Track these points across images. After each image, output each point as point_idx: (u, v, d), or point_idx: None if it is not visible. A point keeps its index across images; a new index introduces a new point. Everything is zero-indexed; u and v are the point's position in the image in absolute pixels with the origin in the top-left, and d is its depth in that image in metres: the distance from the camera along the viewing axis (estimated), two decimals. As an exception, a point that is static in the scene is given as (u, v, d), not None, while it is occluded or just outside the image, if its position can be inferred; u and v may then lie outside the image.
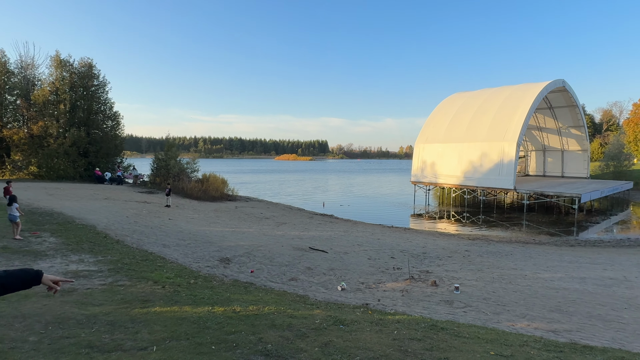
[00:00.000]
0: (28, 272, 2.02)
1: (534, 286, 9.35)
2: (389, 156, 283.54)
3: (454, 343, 4.66)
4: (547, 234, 18.57)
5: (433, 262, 11.81)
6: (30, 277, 2.01)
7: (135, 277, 7.72)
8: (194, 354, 4.23)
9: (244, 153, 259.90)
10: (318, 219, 21.38)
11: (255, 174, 71.16)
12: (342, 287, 8.90)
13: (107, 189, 25.29)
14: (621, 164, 41.47)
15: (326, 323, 5.38)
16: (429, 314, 7.14)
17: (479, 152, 28.79)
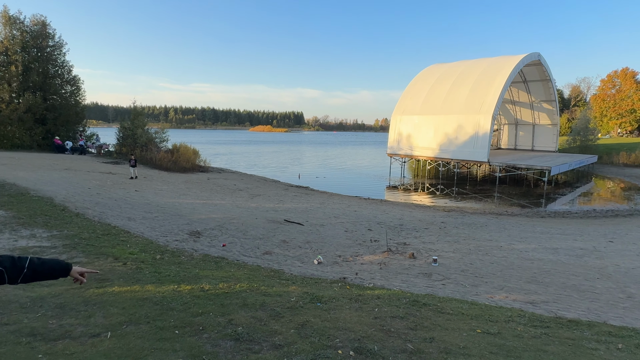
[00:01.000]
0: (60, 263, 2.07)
1: (510, 257, 9.37)
2: (365, 129, 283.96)
3: (438, 320, 4.41)
4: (518, 206, 18.97)
5: (410, 234, 11.70)
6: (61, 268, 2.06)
7: (93, 253, 7.08)
8: (154, 340, 3.76)
9: (217, 124, 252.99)
10: (293, 191, 20.94)
11: (229, 145, 69.36)
12: (318, 261, 8.59)
13: (68, 159, 23.72)
14: (587, 138, 42.90)
15: (302, 301, 5.02)
16: (408, 288, 6.94)
17: (455, 125, 28.83)
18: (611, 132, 60.72)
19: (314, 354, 3.48)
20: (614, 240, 11.52)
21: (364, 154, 56.86)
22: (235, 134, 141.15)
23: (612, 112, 56.90)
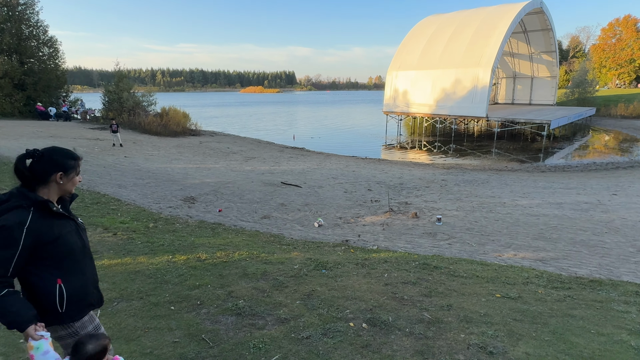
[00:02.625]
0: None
1: (515, 214, 9.14)
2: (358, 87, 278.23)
3: (452, 285, 4.13)
4: (517, 161, 18.68)
5: (411, 193, 11.40)
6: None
7: (84, 225, 6.67)
8: (148, 318, 3.45)
9: (206, 86, 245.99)
10: (289, 152, 20.42)
11: (220, 108, 67.55)
12: (319, 224, 8.30)
13: (53, 126, 22.79)
14: (586, 90, 42.07)
15: (306, 268, 4.72)
16: (413, 249, 6.70)
17: (452, 79, 27.84)
18: (609, 84, 59.73)
19: (324, 328, 3.19)
20: (618, 193, 11.33)
21: (359, 112, 55.70)
22: (226, 96, 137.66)
23: (612, 62, 55.61)
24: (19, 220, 1.70)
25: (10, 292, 1.69)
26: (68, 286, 1.84)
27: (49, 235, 1.78)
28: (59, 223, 1.84)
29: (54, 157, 1.85)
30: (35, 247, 1.75)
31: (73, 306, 1.87)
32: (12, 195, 1.77)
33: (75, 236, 1.94)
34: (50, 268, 1.80)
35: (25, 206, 1.73)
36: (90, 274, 2.01)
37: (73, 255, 1.89)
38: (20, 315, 1.66)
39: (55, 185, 1.86)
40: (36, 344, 1.63)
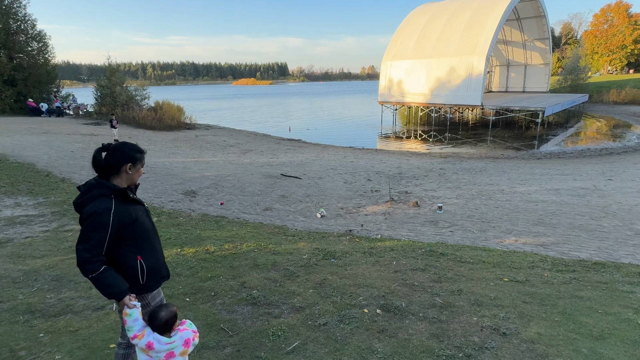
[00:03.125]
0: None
1: (513, 200, 9.27)
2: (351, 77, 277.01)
3: (460, 271, 4.22)
4: (513, 149, 18.84)
5: (410, 182, 11.49)
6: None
7: (85, 219, 6.67)
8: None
9: (198, 79, 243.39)
10: (286, 144, 20.40)
11: (214, 101, 67.00)
12: (321, 214, 8.36)
13: (46, 122, 22.50)
14: (578, 77, 42.29)
15: (315, 258, 4.78)
16: (416, 237, 6.79)
17: (447, 68, 27.83)
18: (601, 70, 60.05)
19: (340, 315, 3.26)
20: (613, 178, 11.51)
21: (353, 103, 55.57)
22: (219, 89, 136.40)
23: (604, 48, 55.84)
24: (106, 206, 1.96)
25: (107, 268, 1.97)
26: (146, 261, 2.11)
27: (128, 218, 2.04)
28: (134, 208, 2.12)
29: (125, 150, 2.11)
30: (119, 229, 2.01)
31: (151, 278, 2.15)
32: (93, 186, 2.03)
33: (146, 218, 2.22)
34: (130, 247, 2.07)
35: (107, 194, 2.00)
36: (160, 250, 2.28)
37: (147, 234, 2.16)
38: (118, 288, 1.96)
39: (125, 175, 2.10)
40: (130, 312, 1.95)
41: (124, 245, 2.05)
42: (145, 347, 1.92)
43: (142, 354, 1.96)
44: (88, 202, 1.98)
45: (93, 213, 1.94)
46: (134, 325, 1.94)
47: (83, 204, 2.00)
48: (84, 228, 1.95)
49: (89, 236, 1.92)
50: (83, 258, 1.91)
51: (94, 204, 1.96)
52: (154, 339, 1.92)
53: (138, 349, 1.97)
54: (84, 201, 2.00)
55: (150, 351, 1.92)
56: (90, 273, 1.92)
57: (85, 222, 1.95)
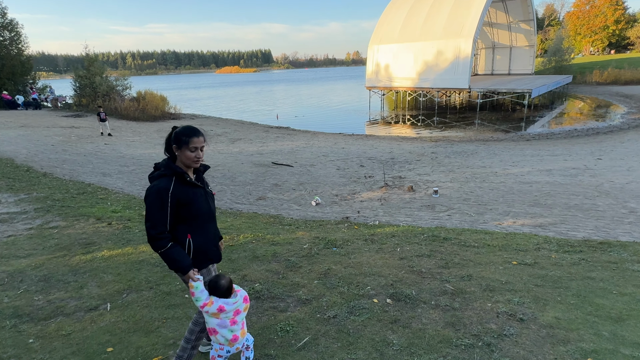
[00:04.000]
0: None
1: (508, 182, 9.26)
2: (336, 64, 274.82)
3: (466, 255, 4.13)
4: (501, 131, 18.90)
5: (403, 167, 11.40)
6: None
7: (71, 215, 6.38)
8: (163, 308, 3.31)
9: (180, 68, 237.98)
10: (274, 132, 20.07)
11: (198, 90, 65.59)
12: (316, 202, 8.20)
13: (22, 115, 21.63)
14: (562, 58, 42.63)
15: (316, 247, 4.63)
16: (414, 222, 6.70)
17: (434, 51, 27.66)
18: (583, 51, 60.69)
19: (349, 306, 3.13)
20: (602, 158, 11.63)
21: (340, 89, 55.06)
22: (202, 78, 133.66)
23: (586, 29, 56.34)
24: (165, 186, 2.11)
25: (174, 244, 2.13)
26: (194, 241, 2.22)
27: (184, 200, 2.16)
28: (192, 190, 2.22)
29: (175, 133, 2.19)
30: (176, 209, 2.15)
31: (198, 258, 2.26)
32: (161, 165, 2.22)
33: (204, 202, 2.30)
34: (183, 226, 2.19)
35: (169, 174, 2.14)
36: (212, 235, 2.38)
37: (201, 216, 2.26)
38: (182, 262, 2.12)
39: (178, 156, 2.19)
40: (195, 284, 2.12)
41: (178, 223, 2.18)
42: (217, 311, 2.11)
43: (213, 318, 2.14)
44: (152, 180, 2.15)
45: (152, 192, 2.09)
46: (201, 295, 2.11)
47: (150, 181, 2.18)
48: (146, 206, 2.10)
49: (151, 214, 2.07)
50: (151, 235, 2.07)
51: (156, 182, 2.12)
52: (223, 302, 2.12)
53: (208, 316, 2.15)
54: (150, 179, 2.18)
55: (222, 314, 2.12)
56: (160, 249, 2.09)
57: (146, 200, 2.10)
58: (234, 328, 2.17)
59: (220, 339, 2.16)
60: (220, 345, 2.19)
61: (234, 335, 2.17)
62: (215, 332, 2.16)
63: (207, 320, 2.17)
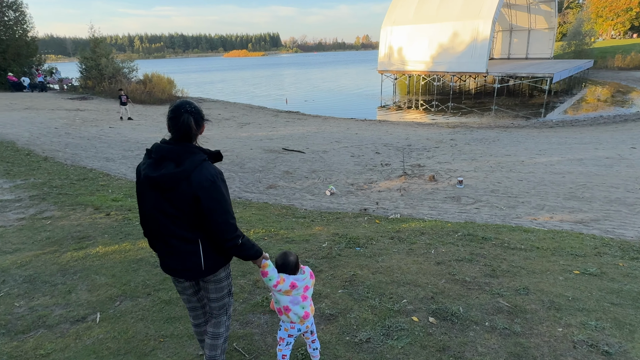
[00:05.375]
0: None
1: (537, 172, 8.57)
2: (346, 48, 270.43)
3: (514, 260, 3.53)
4: (522, 117, 18.00)
5: (422, 155, 10.73)
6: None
7: (68, 203, 5.89)
8: (161, 322, 2.79)
9: (188, 51, 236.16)
10: (284, 117, 19.40)
11: (205, 73, 64.71)
12: (331, 192, 7.62)
13: (28, 97, 21.23)
14: (582, 42, 40.86)
15: (337, 246, 4.07)
16: (439, 215, 6.11)
17: (450, 33, 26.45)
18: (604, 35, 58.31)
19: (384, 326, 2.57)
20: (636, 146, 10.82)
21: (350, 73, 53.77)
22: (210, 61, 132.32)
23: (608, 11, 53.92)
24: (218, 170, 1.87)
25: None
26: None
27: None
28: None
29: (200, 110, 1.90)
30: None
31: None
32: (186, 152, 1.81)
33: None
34: None
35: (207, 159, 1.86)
36: None
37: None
38: (258, 246, 2.01)
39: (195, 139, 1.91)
40: (269, 262, 2.07)
41: None
42: (290, 288, 2.06)
43: (285, 296, 2.08)
44: (193, 170, 1.76)
45: (216, 178, 1.81)
46: (274, 273, 2.06)
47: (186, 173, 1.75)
48: (215, 196, 1.79)
49: (225, 202, 1.83)
50: (234, 226, 1.86)
51: (207, 169, 1.79)
52: (294, 279, 2.09)
53: (280, 294, 2.08)
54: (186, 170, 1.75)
55: (293, 290, 2.07)
56: (240, 237, 1.89)
57: (211, 190, 1.78)
58: (305, 304, 2.12)
59: (292, 317, 2.11)
60: (292, 324, 2.13)
61: (305, 312, 2.12)
62: (288, 309, 2.10)
63: (279, 299, 2.09)
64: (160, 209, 1.82)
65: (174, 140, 1.81)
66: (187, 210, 1.78)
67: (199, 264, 1.90)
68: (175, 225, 1.82)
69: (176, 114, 1.80)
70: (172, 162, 1.76)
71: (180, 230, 1.83)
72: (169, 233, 1.85)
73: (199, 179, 1.74)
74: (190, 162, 1.75)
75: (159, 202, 1.81)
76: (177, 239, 1.86)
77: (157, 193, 1.80)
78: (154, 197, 1.82)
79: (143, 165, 1.83)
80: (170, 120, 1.81)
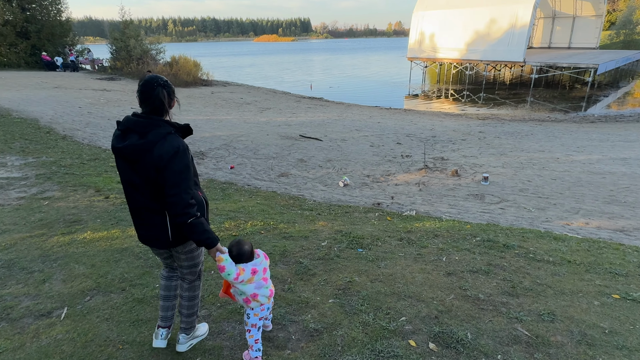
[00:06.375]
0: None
1: (574, 171, 7.80)
2: (377, 34, 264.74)
3: (539, 276, 3.02)
4: (560, 111, 16.76)
5: (446, 147, 10.07)
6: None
7: (71, 184, 5.77)
8: (126, 324, 2.50)
9: (219, 35, 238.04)
10: (306, 103, 18.96)
11: (234, 57, 64.81)
12: (344, 183, 7.20)
13: (59, 77, 21.73)
14: (633, 31, 37.83)
15: (337, 246, 3.68)
16: (459, 215, 5.58)
17: (486, 19, 24.98)
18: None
19: (373, 350, 2.17)
20: (690, 147, 9.73)
21: (379, 60, 52.34)
22: (239, 46, 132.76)
23: (664, -1, 49.59)
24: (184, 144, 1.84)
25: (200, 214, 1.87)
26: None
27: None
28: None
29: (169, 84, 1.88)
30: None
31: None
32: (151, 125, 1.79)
33: None
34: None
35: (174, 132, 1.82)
36: None
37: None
38: (213, 233, 1.91)
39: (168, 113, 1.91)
40: (225, 256, 1.93)
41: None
42: (252, 275, 1.99)
43: (248, 285, 2.00)
44: (156, 142, 1.75)
45: (177, 151, 1.77)
46: (231, 266, 1.94)
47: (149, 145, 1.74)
48: (173, 168, 1.76)
49: (182, 177, 1.78)
50: (186, 201, 1.79)
51: (170, 142, 1.77)
52: (252, 265, 2.01)
53: (243, 285, 1.99)
54: (149, 142, 1.75)
55: (255, 276, 2.01)
56: (191, 217, 1.80)
57: (170, 162, 1.75)
58: (268, 284, 2.09)
59: (262, 299, 2.06)
60: (262, 306, 2.08)
61: (270, 290, 2.10)
62: (255, 295, 2.04)
63: (243, 290, 2.01)
64: (129, 181, 1.85)
65: (144, 114, 1.81)
66: (152, 182, 1.78)
67: (167, 235, 1.92)
68: (144, 197, 1.84)
69: (148, 87, 1.79)
70: (136, 134, 1.76)
71: (148, 201, 1.85)
72: (138, 204, 1.88)
73: (160, 151, 1.73)
74: (154, 134, 1.74)
75: (128, 173, 1.83)
76: (146, 210, 1.88)
77: (127, 165, 1.81)
78: (124, 169, 1.84)
79: (113, 137, 1.84)
80: (141, 94, 1.79)
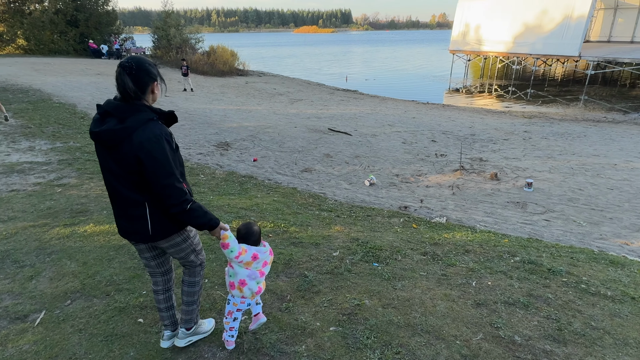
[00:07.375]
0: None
1: (635, 181, 6.87)
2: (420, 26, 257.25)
3: (594, 315, 2.45)
4: (618, 111, 15.21)
5: (486, 147, 9.28)
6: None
7: (90, 171, 5.69)
8: (99, 338, 2.22)
9: (260, 26, 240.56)
10: (340, 95, 18.44)
11: (275, 48, 65.01)
12: (370, 182, 6.72)
13: (103, 64, 22.50)
14: None
15: (350, 257, 3.25)
16: (497, 225, 4.97)
17: (538, 10, 23.18)
18: None
19: (374, 404, 1.74)
20: None
21: (420, 53, 50.53)
22: (279, 37, 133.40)
23: None
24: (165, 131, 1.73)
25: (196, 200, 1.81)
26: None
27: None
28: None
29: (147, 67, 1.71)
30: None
31: None
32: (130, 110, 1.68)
33: None
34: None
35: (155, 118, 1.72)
36: None
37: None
38: (212, 214, 1.84)
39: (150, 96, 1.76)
40: (229, 233, 1.88)
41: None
42: (251, 259, 1.93)
43: (243, 269, 1.94)
44: (136, 128, 1.62)
45: (159, 139, 1.65)
46: (235, 244, 1.88)
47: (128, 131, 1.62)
48: (157, 157, 1.63)
49: (168, 163, 1.66)
50: (180, 189, 1.70)
51: (151, 129, 1.64)
52: (256, 250, 1.95)
53: (240, 266, 1.93)
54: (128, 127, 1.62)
55: (254, 262, 1.94)
56: (189, 203, 1.72)
57: (152, 151, 1.63)
58: (260, 280, 2.01)
59: (246, 292, 1.97)
60: (243, 299, 2.01)
61: (259, 287, 2.02)
62: (244, 283, 1.96)
63: (237, 271, 1.95)
64: (108, 168, 1.73)
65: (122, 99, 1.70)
66: (132, 171, 1.67)
67: (146, 228, 1.78)
68: (122, 186, 1.73)
69: (116, 72, 1.67)
70: (115, 118, 1.66)
71: (127, 191, 1.73)
72: (117, 194, 1.77)
73: (140, 139, 1.62)
74: (133, 120, 1.63)
75: (106, 160, 1.72)
76: (125, 201, 1.76)
77: (105, 151, 1.69)
78: (102, 155, 1.73)
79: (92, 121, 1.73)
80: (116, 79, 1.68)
